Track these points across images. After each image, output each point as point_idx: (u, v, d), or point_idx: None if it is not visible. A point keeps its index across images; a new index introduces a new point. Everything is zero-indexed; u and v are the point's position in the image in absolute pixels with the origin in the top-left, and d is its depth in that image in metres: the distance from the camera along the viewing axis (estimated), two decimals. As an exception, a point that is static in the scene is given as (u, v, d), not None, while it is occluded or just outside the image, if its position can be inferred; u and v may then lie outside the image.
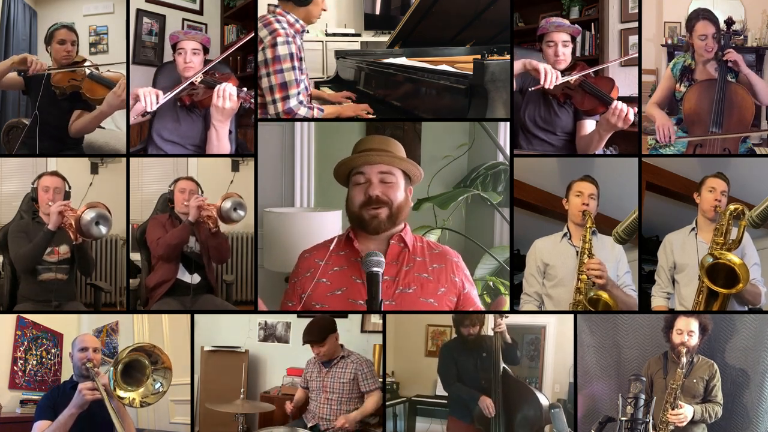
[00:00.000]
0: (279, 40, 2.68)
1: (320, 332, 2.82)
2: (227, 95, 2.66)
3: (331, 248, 2.27)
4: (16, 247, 2.91)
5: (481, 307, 2.43)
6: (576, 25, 2.87)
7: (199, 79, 2.79)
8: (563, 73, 2.78)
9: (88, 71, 2.96)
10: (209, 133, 2.77)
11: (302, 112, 2.74)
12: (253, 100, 2.72)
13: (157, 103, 2.66)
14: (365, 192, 2.21)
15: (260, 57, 2.74)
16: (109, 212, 2.78)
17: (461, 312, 2.36)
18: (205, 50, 2.87)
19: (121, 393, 2.29)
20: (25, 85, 3.01)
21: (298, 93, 2.73)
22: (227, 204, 2.91)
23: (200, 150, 2.87)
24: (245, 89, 2.73)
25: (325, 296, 2.22)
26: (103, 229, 2.75)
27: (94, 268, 3.16)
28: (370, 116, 2.94)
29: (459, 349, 2.82)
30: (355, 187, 2.24)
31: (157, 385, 2.35)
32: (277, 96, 2.71)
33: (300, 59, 2.77)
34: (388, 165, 2.24)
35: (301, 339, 2.86)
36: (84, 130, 3.03)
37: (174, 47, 2.84)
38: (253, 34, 2.78)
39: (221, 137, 2.76)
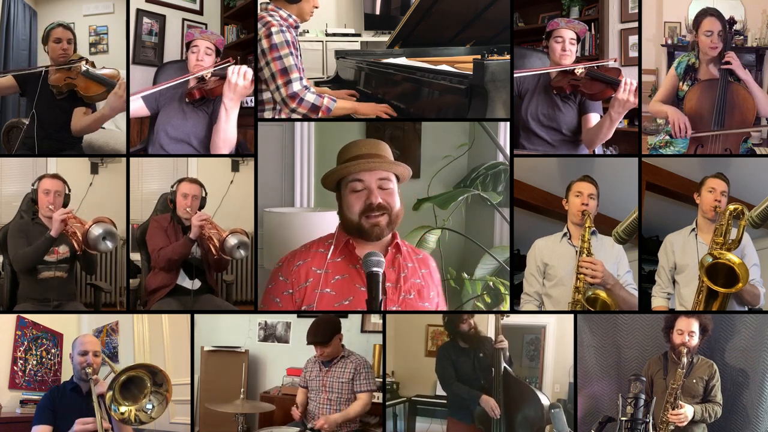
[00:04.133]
0: (273, 29, 2.70)
1: (326, 333, 2.78)
2: (242, 72, 2.66)
3: (329, 256, 2.22)
4: (15, 248, 2.91)
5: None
6: (585, 24, 2.88)
7: (209, 74, 2.81)
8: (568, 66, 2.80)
9: (83, 68, 2.95)
10: (219, 115, 2.74)
11: (310, 97, 2.72)
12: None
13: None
14: (365, 199, 2.16)
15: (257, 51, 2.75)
16: (115, 226, 2.78)
17: (457, 312, 2.36)
18: (217, 52, 2.88)
19: (121, 408, 2.29)
20: (20, 87, 3.01)
21: (301, 78, 2.73)
22: (232, 241, 2.84)
23: (205, 146, 2.86)
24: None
25: (332, 307, 2.18)
26: (110, 245, 2.76)
27: (98, 266, 3.16)
28: (389, 117, 2.92)
29: (456, 350, 2.82)
30: (352, 194, 2.17)
31: (149, 406, 2.33)
32: (279, 82, 2.71)
33: (297, 48, 2.78)
34: (386, 171, 2.20)
35: (306, 339, 2.83)
36: (86, 131, 3.03)
37: (188, 45, 2.86)
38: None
39: (230, 119, 2.73)
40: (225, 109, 2.71)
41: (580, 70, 2.73)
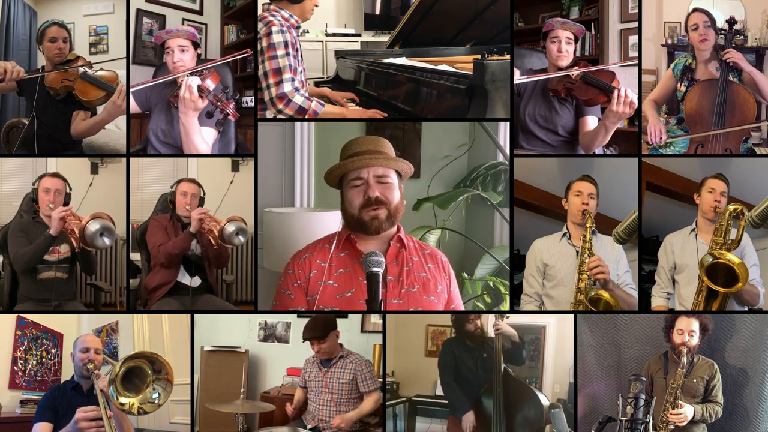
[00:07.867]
0: (273, 29, 2.71)
1: (322, 328, 2.81)
2: (187, 86, 2.60)
3: (332, 250, 2.27)
4: (16, 247, 2.90)
5: (462, 304, 2.48)
6: (581, 25, 2.88)
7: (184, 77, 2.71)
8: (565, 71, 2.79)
9: (81, 71, 2.90)
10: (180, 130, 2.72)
11: (298, 99, 2.73)
12: (229, 111, 2.65)
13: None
14: (364, 193, 2.21)
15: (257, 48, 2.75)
16: (113, 222, 2.75)
17: (461, 312, 2.37)
18: (195, 45, 2.81)
19: (122, 399, 2.29)
20: (18, 86, 2.97)
21: (293, 79, 2.72)
22: (230, 227, 2.87)
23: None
24: (222, 92, 2.66)
25: (333, 299, 2.21)
26: (107, 241, 2.73)
27: (97, 266, 3.15)
28: (382, 117, 2.94)
29: (461, 347, 2.83)
30: (352, 189, 2.24)
31: (155, 395, 2.33)
32: (271, 81, 2.71)
33: (296, 50, 2.78)
34: (384, 167, 2.24)
35: (302, 336, 2.85)
36: (86, 134, 3.01)
37: (162, 47, 2.80)
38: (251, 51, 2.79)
39: (188, 132, 2.68)
40: (182, 123, 2.68)
41: (575, 73, 2.73)
